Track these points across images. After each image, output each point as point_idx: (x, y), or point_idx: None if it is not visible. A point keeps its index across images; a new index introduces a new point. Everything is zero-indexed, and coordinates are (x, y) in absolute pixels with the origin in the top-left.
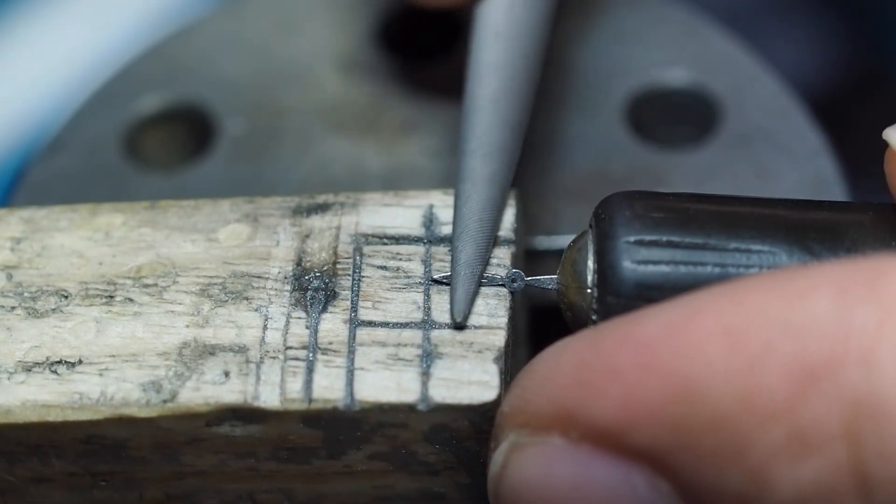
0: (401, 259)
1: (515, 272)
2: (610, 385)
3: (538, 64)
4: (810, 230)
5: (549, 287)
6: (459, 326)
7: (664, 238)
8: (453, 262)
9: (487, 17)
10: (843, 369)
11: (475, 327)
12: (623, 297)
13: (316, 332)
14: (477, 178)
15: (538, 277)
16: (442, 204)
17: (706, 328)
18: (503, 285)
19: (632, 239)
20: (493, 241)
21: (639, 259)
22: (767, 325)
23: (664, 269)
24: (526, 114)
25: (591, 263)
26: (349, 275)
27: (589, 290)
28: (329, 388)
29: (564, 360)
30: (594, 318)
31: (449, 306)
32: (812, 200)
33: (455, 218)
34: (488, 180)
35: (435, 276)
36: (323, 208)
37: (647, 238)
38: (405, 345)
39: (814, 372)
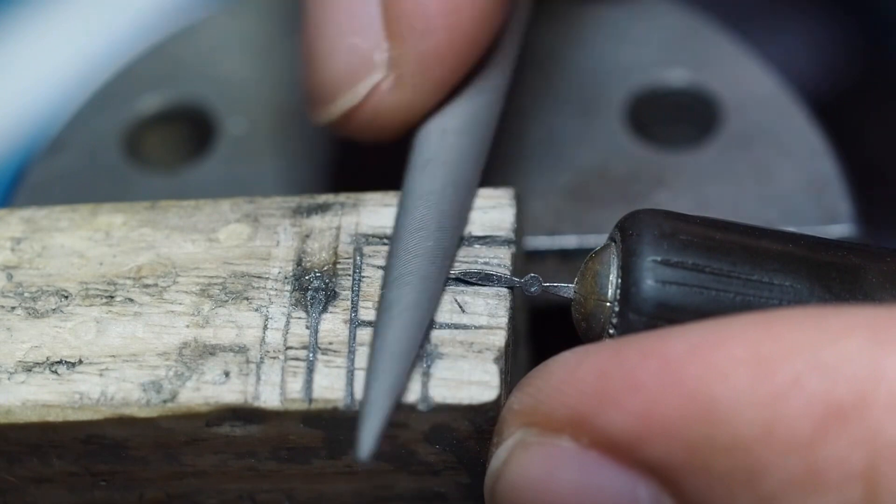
0: None
1: (533, 276)
2: (629, 396)
3: (470, 190)
4: (832, 270)
5: (566, 295)
6: (365, 462)
7: (690, 261)
8: (365, 392)
9: (420, 144)
10: (870, 412)
11: (475, 327)
12: (644, 315)
13: (316, 332)
14: (394, 308)
15: (556, 284)
16: None
17: (735, 354)
18: (516, 287)
19: (658, 258)
20: (410, 372)
21: (663, 279)
22: (797, 359)
23: (687, 291)
24: (453, 241)
25: (613, 278)
26: (349, 275)
27: (609, 304)
28: (329, 388)
29: (585, 366)
30: (612, 332)
31: (357, 436)
32: (834, 240)
33: (371, 348)
34: (407, 308)
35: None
36: (323, 208)
37: (674, 259)
38: None
39: (840, 411)
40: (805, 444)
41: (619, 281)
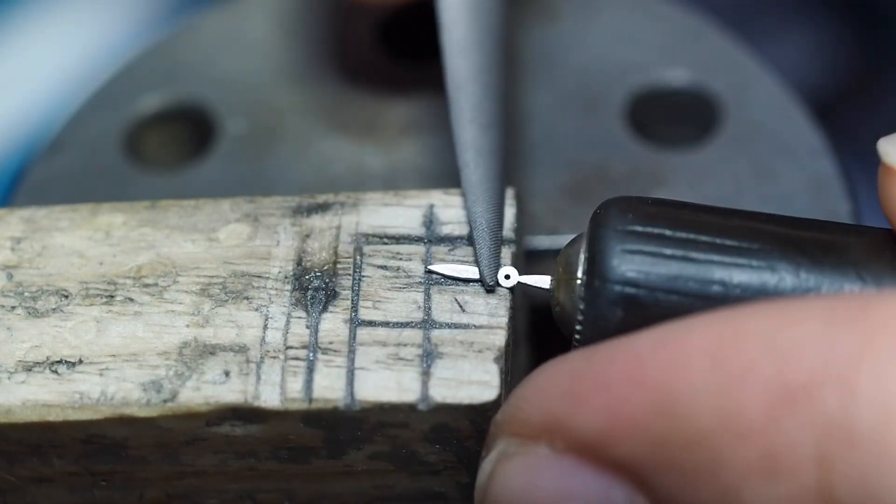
0: (401, 259)
1: (509, 268)
2: (597, 396)
3: (505, 41)
4: (811, 244)
5: (543, 285)
6: (491, 290)
7: (655, 230)
8: (473, 228)
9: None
10: (820, 393)
11: (475, 327)
12: (609, 282)
13: (316, 331)
14: (480, 147)
15: (532, 278)
16: (442, 203)
17: (692, 345)
18: (498, 284)
19: (623, 228)
20: (503, 205)
21: (628, 246)
22: (752, 346)
23: (652, 257)
24: (507, 85)
25: (582, 255)
26: (349, 274)
27: (578, 280)
28: (329, 387)
29: (558, 371)
30: (581, 307)
31: (480, 269)
32: (808, 218)
33: (465, 187)
34: (489, 151)
35: (430, 267)
36: (323, 208)
37: (639, 228)
38: (406, 344)
39: (791, 394)
40: (759, 431)
41: (587, 255)
